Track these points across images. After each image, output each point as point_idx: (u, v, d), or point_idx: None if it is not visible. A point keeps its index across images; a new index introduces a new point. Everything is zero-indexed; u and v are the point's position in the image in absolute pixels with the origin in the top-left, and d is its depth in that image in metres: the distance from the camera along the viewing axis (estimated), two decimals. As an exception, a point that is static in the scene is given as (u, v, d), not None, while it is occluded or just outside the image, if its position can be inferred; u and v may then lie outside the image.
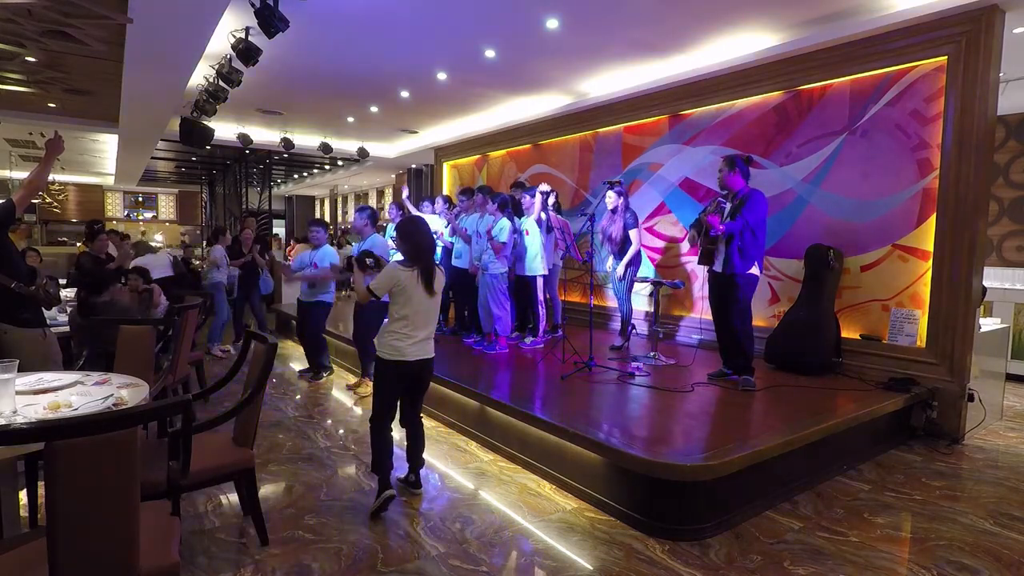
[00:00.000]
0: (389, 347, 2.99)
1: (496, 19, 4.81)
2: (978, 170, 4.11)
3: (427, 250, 3.05)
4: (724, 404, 3.97)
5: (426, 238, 3.05)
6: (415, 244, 3.02)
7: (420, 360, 3.03)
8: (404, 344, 2.97)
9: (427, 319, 3.04)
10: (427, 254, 3.04)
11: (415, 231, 3.05)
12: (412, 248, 3.01)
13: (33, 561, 1.70)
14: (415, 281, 2.96)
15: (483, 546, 2.71)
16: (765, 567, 2.55)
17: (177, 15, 4.29)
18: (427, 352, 3.07)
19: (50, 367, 3.14)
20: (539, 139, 8.01)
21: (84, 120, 8.62)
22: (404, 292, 2.95)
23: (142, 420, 1.92)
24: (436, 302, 3.07)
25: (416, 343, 3.00)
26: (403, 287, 2.95)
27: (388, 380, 3.04)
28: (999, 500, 3.26)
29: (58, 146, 3.38)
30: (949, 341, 4.25)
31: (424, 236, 3.05)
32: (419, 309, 2.99)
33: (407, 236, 3.04)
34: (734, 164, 4.23)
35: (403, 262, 3.01)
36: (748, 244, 4.13)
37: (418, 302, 2.98)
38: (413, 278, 2.95)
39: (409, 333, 2.98)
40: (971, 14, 4.04)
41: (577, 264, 6.40)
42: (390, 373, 3.01)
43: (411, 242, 3.03)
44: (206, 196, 18.59)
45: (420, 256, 3.01)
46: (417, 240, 3.03)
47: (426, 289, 2.98)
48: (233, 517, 2.97)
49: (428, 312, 3.04)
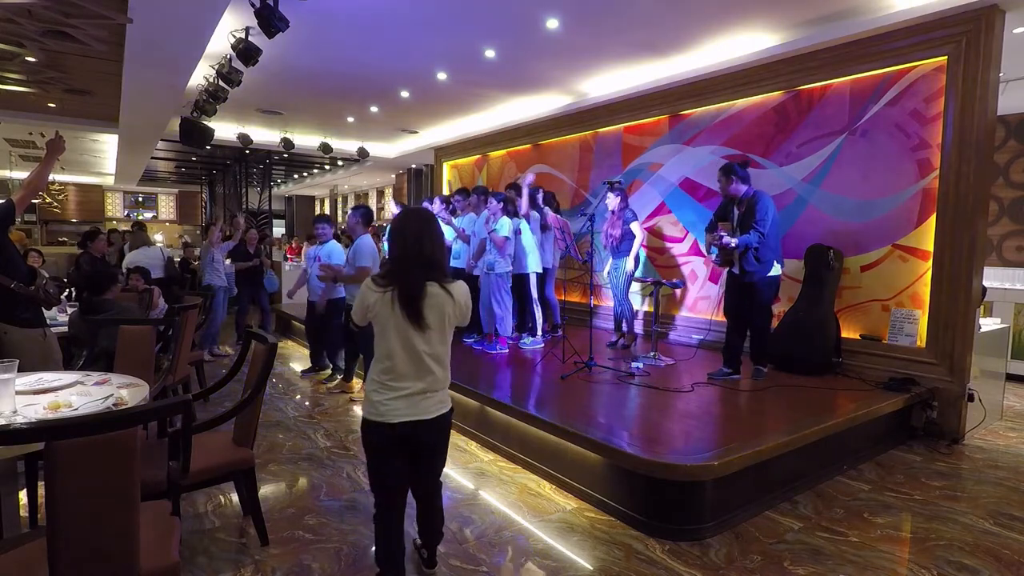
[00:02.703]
0: (367, 401, 2.14)
1: (496, 19, 4.81)
2: (978, 170, 4.11)
3: (413, 260, 2.09)
4: (724, 404, 3.97)
5: (414, 242, 2.11)
6: (395, 250, 2.15)
7: (409, 423, 2.08)
8: (384, 398, 2.08)
9: (417, 365, 2.09)
10: (412, 267, 2.09)
11: (400, 229, 2.16)
12: (393, 256, 2.16)
13: (33, 561, 1.70)
14: (389, 307, 2.05)
15: (483, 546, 2.71)
16: (765, 567, 2.55)
17: (177, 15, 4.29)
18: (422, 412, 2.11)
19: (50, 367, 3.14)
20: (539, 139, 8.01)
21: (84, 120, 8.62)
22: (379, 323, 2.10)
23: (142, 420, 1.92)
24: (436, 340, 2.12)
25: (401, 398, 2.08)
26: (375, 315, 2.10)
27: (371, 449, 2.18)
28: (999, 500, 3.25)
29: (59, 146, 3.39)
30: (949, 341, 4.25)
31: (411, 239, 2.11)
32: (402, 349, 2.07)
33: (391, 236, 2.20)
34: (731, 172, 4.32)
35: (379, 277, 2.12)
36: (763, 249, 4.23)
37: (400, 340, 2.07)
38: (387, 303, 2.06)
39: (390, 384, 2.09)
40: (971, 14, 4.04)
41: (577, 264, 6.40)
42: (372, 439, 2.15)
43: (393, 246, 2.17)
44: (206, 196, 18.58)
45: (399, 269, 2.10)
46: (399, 243, 2.14)
47: (408, 320, 2.04)
48: (233, 517, 2.97)
49: (417, 355, 2.08)
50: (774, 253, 4.31)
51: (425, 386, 2.11)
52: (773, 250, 4.30)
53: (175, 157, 13.17)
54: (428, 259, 2.10)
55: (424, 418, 2.11)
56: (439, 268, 2.14)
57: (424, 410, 2.11)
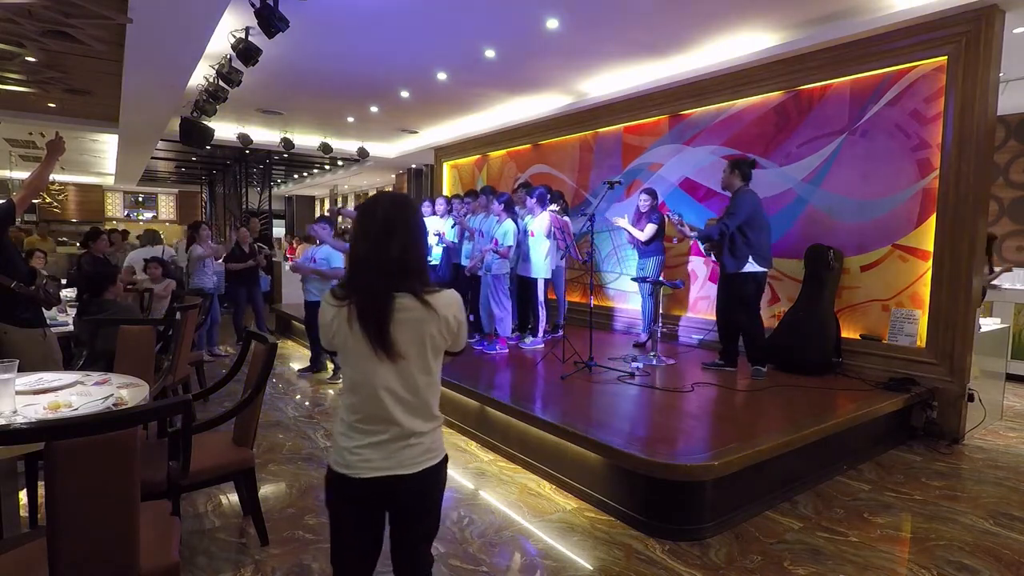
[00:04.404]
0: (333, 446, 1.60)
1: (496, 19, 4.81)
2: (978, 170, 4.10)
3: (376, 262, 1.49)
4: (724, 404, 3.97)
5: (380, 235, 1.50)
6: (355, 247, 1.54)
7: (385, 479, 1.51)
8: (351, 445, 1.53)
9: (376, 405, 1.50)
10: (375, 271, 1.49)
11: (363, 219, 1.55)
12: (352, 257, 1.57)
13: (33, 561, 1.70)
14: (348, 327, 1.49)
15: (483, 546, 2.71)
16: (765, 567, 2.55)
17: (177, 15, 4.29)
18: (402, 464, 1.52)
19: (50, 367, 3.14)
20: (539, 139, 8.01)
21: (84, 120, 8.61)
22: (339, 347, 1.55)
23: (142, 420, 1.92)
24: (415, 372, 1.52)
25: (374, 446, 1.51)
26: (334, 335, 1.54)
27: (332, 511, 1.61)
28: (999, 500, 3.26)
29: (59, 147, 3.39)
30: (949, 341, 4.25)
31: (376, 231, 1.51)
32: (365, 383, 1.51)
33: (352, 230, 1.63)
34: (737, 167, 4.57)
35: (339, 287, 1.55)
36: (738, 244, 4.43)
37: (361, 369, 1.51)
38: (344, 320, 1.50)
39: (359, 426, 1.53)
40: (971, 14, 4.04)
41: (577, 264, 6.40)
42: (333, 497, 1.59)
43: (352, 243, 1.56)
44: (206, 196, 18.58)
45: (357, 273, 1.53)
46: (360, 238, 1.54)
47: (371, 345, 1.47)
48: (233, 517, 2.97)
49: (377, 392, 1.50)
50: (751, 249, 4.41)
51: (397, 433, 1.52)
52: (751, 246, 4.41)
53: (175, 157, 13.17)
54: (398, 261, 1.48)
55: (404, 473, 1.52)
56: (415, 273, 1.51)
57: (405, 461, 1.53)
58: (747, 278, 4.45)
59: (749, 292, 4.50)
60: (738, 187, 4.51)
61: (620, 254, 6.82)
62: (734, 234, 4.41)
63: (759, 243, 4.43)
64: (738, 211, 4.39)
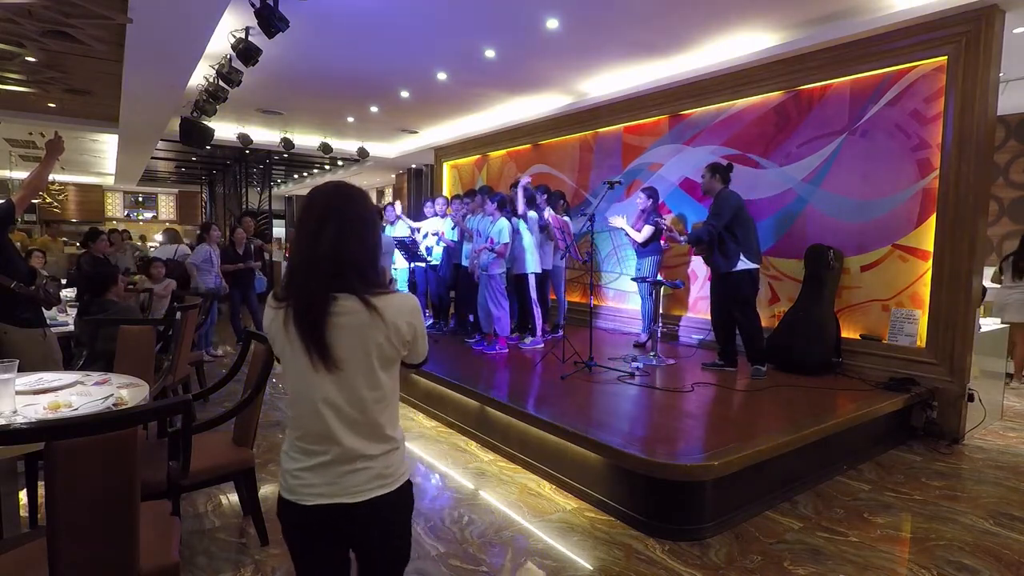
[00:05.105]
0: (280, 469, 1.43)
1: (496, 19, 4.81)
2: (978, 170, 4.11)
3: (312, 259, 1.32)
4: (724, 404, 3.97)
5: (316, 228, 1.33)
6: (294, 244, 1.38)
7: (327, 507, 1.34)
8: (295, 467, 1.37)
9: (315, 420, 1.34)
10: (311, 269, 1.32)
11: (301, 212, 1.39)
12: (291, 255, 1.41)
13: (33, 561, 1.70)
14: (284, 331, 1.34)
15: (483, 546, 2.71)
16: (765, 567, 2.55)
17: (177, 15, 4.29)
18: (346, 491, 1.34)
19: (50, 367, 3.15)
20: (539, 139, 8.01)
21: (84, 120, 8.61)
22: (279, 353, 1.39)
23: (142, 420, 1.92)
24: (360, 386, 1.34)
25: (308, 471, 1.35)
26: (273, 340, 1.39)
27: (285, 535, 1.44)
28: (999, 500, 3.26)
29: (58, 147, 3.39)
30: (949, 341, 4.25)
31: (313, 225, 1.34)
32: (304, 395, 1.35)
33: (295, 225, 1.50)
34: (716, 171, 4.68)
35: (280, 289, 1.38)
36: (727, 243, 4.50)
37: (300, 380, 1.35)
38: (280, 324, 1.35)
39: (303, 446, 1.37)
40: (971, 14, 4.04)
41: (577, 264, 6.40)
42: (281, 521, 1.42)
43: (293, 240, 1.40)
44: (206, 196, 18.58)
45: (293, 271, 1.36)
46: (298, 233, 1.37)
47: (306, 351, 1.31)
48: (233, 517, 2.97)
49: (316, 406, 1.33)
50: (741, 247, 4.48)
51: (341, 453, 1.33)
52: (740, 244, 4.47)
53: (175, 157, 13.17)
54: (331, 256, 1.31)
55: (350, 501, 1.34)
56: (354, 271, 1.32)
57: (350, 488, 1.34)
58: (741, 276, 4.50)
59: (745, 290, 4.53)
60: (719, 189, 4.62)
61: (620, 254, 6.82)
62: (723, 234, 4.49)
63: (747, 241, 4.50)
64: (723, 211, 4.48)
